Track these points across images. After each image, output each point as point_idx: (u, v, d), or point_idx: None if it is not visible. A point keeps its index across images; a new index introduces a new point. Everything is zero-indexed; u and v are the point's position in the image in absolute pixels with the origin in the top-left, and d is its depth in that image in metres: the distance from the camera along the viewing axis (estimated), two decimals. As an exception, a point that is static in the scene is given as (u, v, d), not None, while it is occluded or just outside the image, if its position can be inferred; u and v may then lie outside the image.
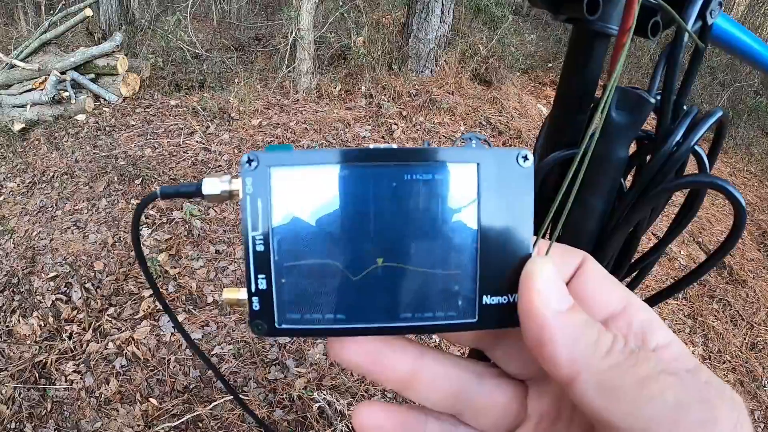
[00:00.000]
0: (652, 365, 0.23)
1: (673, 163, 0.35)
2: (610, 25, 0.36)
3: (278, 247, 0.29)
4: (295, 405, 2.23)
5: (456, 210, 0.27)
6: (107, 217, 3.25)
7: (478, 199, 0.27)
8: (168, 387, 2.30)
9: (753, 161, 6.36)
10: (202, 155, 3.94)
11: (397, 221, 0.27)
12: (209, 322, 2.59)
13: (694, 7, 0.33)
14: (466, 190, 0.27)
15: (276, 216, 0.28)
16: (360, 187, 0.27)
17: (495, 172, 0.27)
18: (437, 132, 4.62)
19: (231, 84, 5.15)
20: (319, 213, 0.28)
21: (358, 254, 0.28)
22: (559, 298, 0.26)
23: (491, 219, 0.27)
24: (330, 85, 5.09)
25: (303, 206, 0.28)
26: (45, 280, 2.79)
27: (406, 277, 0.27)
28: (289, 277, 0.29)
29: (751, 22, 11.26)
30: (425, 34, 5.17)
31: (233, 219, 3.27)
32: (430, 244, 0.27)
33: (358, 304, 0.28)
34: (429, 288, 0.28)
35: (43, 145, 4.08)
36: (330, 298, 0.29)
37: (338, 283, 0.28)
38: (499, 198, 0.27)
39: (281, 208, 0.28)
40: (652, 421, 0.22)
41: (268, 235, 0.28)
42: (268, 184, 0.28)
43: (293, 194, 0.28)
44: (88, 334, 2.51)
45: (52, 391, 2.27)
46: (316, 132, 4.35)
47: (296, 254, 0.29)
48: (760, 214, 4.95)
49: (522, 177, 0.27)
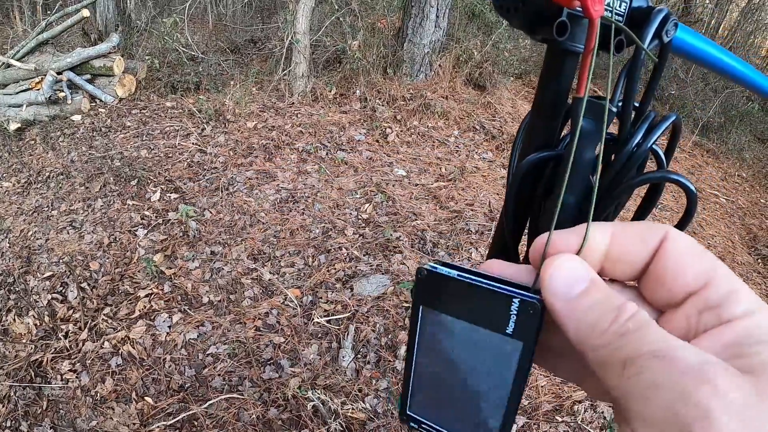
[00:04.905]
0: (636, 347, 0.25)
1: (633, 162, 0.39)
2: (577, 44, 0.41)
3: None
4: (289, 404, 2.25)
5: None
6: (103, 217, 3.27)
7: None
8: (163, 386, 2.32)
9: (745, 166, 6.42)
10: (198, 157, 3.96)
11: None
12: (204, 322, 2.61)
13: (650, 28, 0.38)
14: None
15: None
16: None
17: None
18: (431, 136, 4.64)
19: (227, 86, 5.17)
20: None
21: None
22: (569, 286, 0.29)
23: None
24: (325, 88, 5.11)
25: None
26: (41, 280, 2.81)
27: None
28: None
29: (744, 29, 11.33)
30: (420, 38, 5.20)
31: (228, 220, 3.29)
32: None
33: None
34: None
35: (39, 145, 4.10)
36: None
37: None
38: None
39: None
40: (629, 396, 0.24)
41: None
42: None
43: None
44: (83, 333, 2.52)
45: (48, 389, 2.29)
46: (311, 135, 4.38)
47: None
48: (751, 219, 5.00)
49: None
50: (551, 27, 0.39)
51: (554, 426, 2.26)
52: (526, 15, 0.41)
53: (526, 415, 2.30)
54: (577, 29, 0.40)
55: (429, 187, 3.87)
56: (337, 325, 2.64)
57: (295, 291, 2.81)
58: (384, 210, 3.53)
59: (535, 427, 2.26)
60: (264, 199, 3.54)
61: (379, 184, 3.82)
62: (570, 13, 0.39)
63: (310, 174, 3.89)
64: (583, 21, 0.39)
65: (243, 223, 3.28)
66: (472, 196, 3.81)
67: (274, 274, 2.92)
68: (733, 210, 5.10)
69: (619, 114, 0.39)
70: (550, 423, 2.28)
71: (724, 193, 5.49)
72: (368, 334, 2.58)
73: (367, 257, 3.07)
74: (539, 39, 0.42)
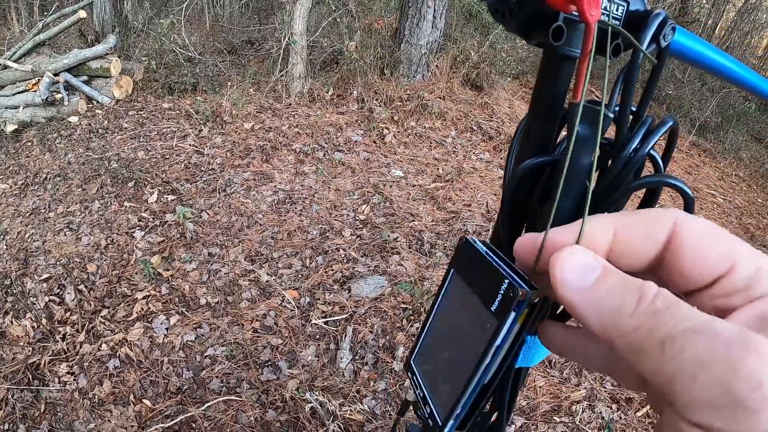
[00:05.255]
0: (673, 325, 0.24)
1: (631, 167, 0.39)
2: (574, 49, 0.41)
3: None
4: (287, 405, 2.25)
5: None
6: (100, 219, 3.27)
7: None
8: (161, 388, 2.32)
9: (742, 166, 6.43)
10: (195, 158, 3.95)
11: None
12: (202, 324, 2.61)
13: (648, 32, 0.37)
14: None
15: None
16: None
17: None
18: (428, 137, 4.65)
19: (224, 87, 5.17)
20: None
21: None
22: (582, 275, 0.27)
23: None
24: (322, 89, 5.11)
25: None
26: (38, 282, 2.80)
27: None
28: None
29: (741, 29, 11.35)
30: (417, 39, 5.20)
31: (225, 222, 3.29)
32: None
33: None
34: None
35: (35, 146, 4.09)
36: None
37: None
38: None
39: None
40: (673, 378, 0.23)
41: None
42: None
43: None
44: (81, 335, 2.52)
45: (46, 392, 2.29)
46: (308, 136, 4.38)
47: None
48: (748, 218, 5.01)
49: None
50: (547, 31, 0.39)
51: (552, 426, 2.27)
52: (521, 19, 0.41)
53: (525, 416, 2.30)
54: (574, 34, 0.40)
55: (426, 188, 3.87)
56: (334, 327, 2.64)
57: (292, 292, 2.81)
58: (381, 211, 3.53)
59: (533, 427, 2.26)
60: (261, 200, 3.54)
61: (376, 185, 3.82)
62: (566, 18, 0.39)
63: (308, 175, 3.89)
64: (580, 25, 0.39)
65: (240, 225, 3.28)
66: (470, 197, 3.81)
67: (272, 275, 2.92)
68: (731, 209, 5.11)
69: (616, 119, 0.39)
70: (548, 423, 2.28)
71: (722, 192, 5.50)
72: (366, 336, 2.58)
73: (364, 258, 3.07)
74: (535, 43, 0.42)
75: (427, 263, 3.06)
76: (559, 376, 2.50)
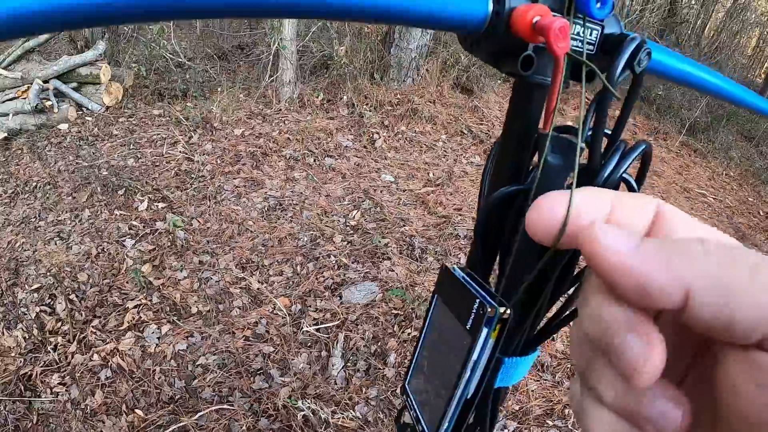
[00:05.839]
0: (754, 252, 0.22)
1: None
2: (545, 77, 0.41)
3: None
4: (279, 414, 2.25)
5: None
6: (90, 228, 3.26)
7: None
8: (153, 398, 2.32)
9: (732, 165, 6.47)
10: (185, 165, 3.95)
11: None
12: (194, 333, 2.61)
13: (620, 60, 0.37)
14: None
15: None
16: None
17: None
18: (419, 141, 4.66)
19: (214, 93, 5.16)
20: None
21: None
22: (627, 239, 0.25)
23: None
24: (312, 94, 5.12)
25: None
26: (29, 292, 2.80)
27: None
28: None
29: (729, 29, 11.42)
30: (407, 43, 5.21)
31: (216, 229, 3.29)
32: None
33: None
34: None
35: (25, 154, 4.08)
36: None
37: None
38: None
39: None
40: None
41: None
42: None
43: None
44: (72, 345, 2.52)
45: (38, 403, 2.28)
46: (299, 142, 4.38)
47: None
48: (739, 217, 5.05)
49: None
50: (516, 61, 0.39)
51: (545, 430, 2.28)
52: (490, 49, 0.41)
53: (517, 420, 2.32)
54: (544, 62, 0.40)
55: (417, 193, 3.88)
56: (326, 334, 2.64)
57: (283, 300, 2.81)
58: (372, 216, 3.53)
59: (526, 431, 2.27)
60: (252, 207, 3.54)
61: (366, 190, 3.82)
62: (536, 46, 0.39)
63: (298, 181, 3.90)
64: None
65: (231, 232, 3.28)
66: (461, 201, 3.82)
67: (263, 283, 2.92)
68: (721, 209, 5.14)
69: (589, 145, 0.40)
70: (541, 427, 2.29)
71: (712, 192, 5.53)
72: (357, 342, 2.59)
73: (355, 264, 3.07)
74: (506, 72, 0.42)
75: (419, 268, 3.07)
76: (552, 379, 2.52)
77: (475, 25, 0.39)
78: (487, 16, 0.38)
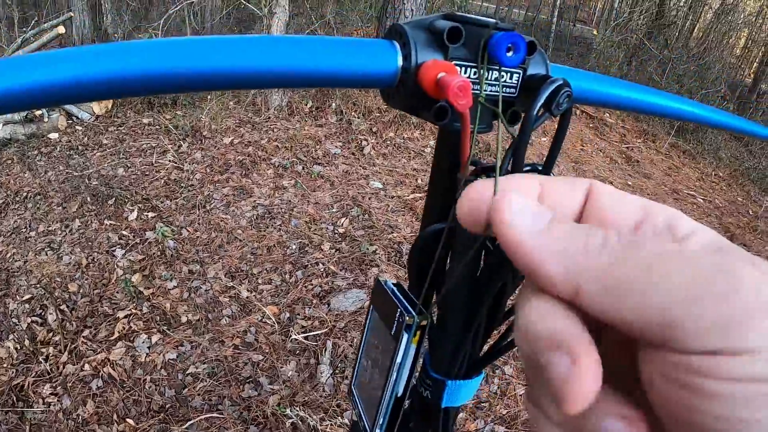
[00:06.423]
0: (654, 246, 0.22)
1: None
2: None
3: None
4: (268, 422, 2.28)
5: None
6: (81, 238, 3.29)
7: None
8: (144, 407, 2.35)
9: (721, 165, 6.52)
10: (175, 174, 3.98)
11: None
12: (183, 342, 2.64)
13: (537, 103, 0.37)
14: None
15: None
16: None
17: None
18: (407, 147, 4.70)
19: (203, 101, 5.19)
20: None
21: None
22: (534, 218, 0.24)
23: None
24: (301, 102, 5.15)
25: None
26: (20, 303, 2.82)
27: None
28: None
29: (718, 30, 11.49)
30: (395, 50, 5.23)
31: (205, 238, 3.32)
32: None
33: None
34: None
35: (16, 164, 4.10)
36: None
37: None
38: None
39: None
40: (667, 308, 0.20)
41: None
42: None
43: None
44: (64, 356, 2.54)
45: (30, 413, 2.31)
46: (287, 150, 4.41)
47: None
48: (728, 217, 5.09)
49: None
50: (430, 112, 0.40)
51: (531, 434, 2.31)
52: (404, 102, 0.42)
53: (506, 425, 2.35)
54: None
55: (405, 199, 3.92)
56: (314, 342, 2.68)
57: (272, 308, 2.85)
58: (360, 223, 3.57)
59: (512, 435, 2.32)
60: (241, 215, 3.57)
61: (355, 197, 3.86)
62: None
63: (287, 189, 3.93)
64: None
65: (220, 241, 3.31)
66: (448, 207, 3.85)
67: (252, 291, 2.96)
68: (711, 209, 5.19)
69: None
70: None
71: (701, 193, 5.58)
72: (346, 350, 2.63)
73: (343, 272, 3.11)
74: (426, 119, 0.43)
75: (406, 275, 3.09)
76: (535, 384, 2.55)
77: (386, 82, 0.40)
78: (397, 72, 0.40)
